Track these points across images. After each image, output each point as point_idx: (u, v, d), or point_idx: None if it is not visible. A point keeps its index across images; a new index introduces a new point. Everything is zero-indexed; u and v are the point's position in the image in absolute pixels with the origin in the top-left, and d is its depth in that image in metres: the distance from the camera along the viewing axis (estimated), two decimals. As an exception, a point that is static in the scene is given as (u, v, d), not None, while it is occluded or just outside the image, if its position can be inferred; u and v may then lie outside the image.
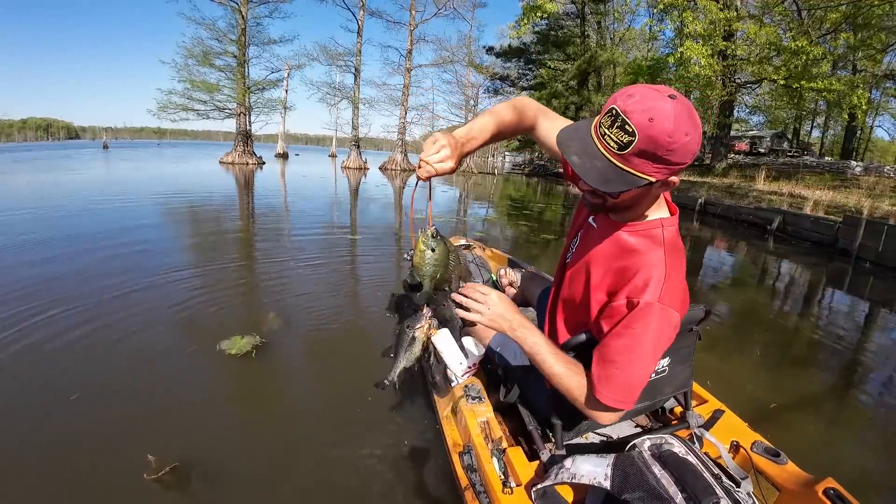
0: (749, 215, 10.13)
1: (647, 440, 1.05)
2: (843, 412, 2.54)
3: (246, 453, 1.82)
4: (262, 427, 2.03)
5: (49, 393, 2.14)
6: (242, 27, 22.93)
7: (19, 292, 3.34)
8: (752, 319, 4.07)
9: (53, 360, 2.43)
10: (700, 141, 0.85)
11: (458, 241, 3.19)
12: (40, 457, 1.73)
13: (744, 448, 1.23)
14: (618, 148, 0.82)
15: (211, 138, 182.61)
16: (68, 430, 1.89)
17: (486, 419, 1.35)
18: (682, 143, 0.81)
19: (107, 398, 2.14)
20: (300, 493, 1.62)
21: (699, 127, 0.83)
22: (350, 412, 2.09)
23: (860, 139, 26.42)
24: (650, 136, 0.79)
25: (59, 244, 4.91)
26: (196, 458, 1.73)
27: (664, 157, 0.81)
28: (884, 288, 5.63)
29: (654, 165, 0.82)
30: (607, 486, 0.99)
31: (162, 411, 2.06)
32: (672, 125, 0.79)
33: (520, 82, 29.13)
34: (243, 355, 2.53)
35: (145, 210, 7.79)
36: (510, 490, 1.10)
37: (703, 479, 0.95)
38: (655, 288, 0.91)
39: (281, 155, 34.56)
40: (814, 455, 1.99)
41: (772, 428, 2.06)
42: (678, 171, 0.86)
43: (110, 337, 2.71)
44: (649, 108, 0.79)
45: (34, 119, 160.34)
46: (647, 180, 0.84)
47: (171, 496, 1.55)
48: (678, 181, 0.90)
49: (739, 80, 17.29)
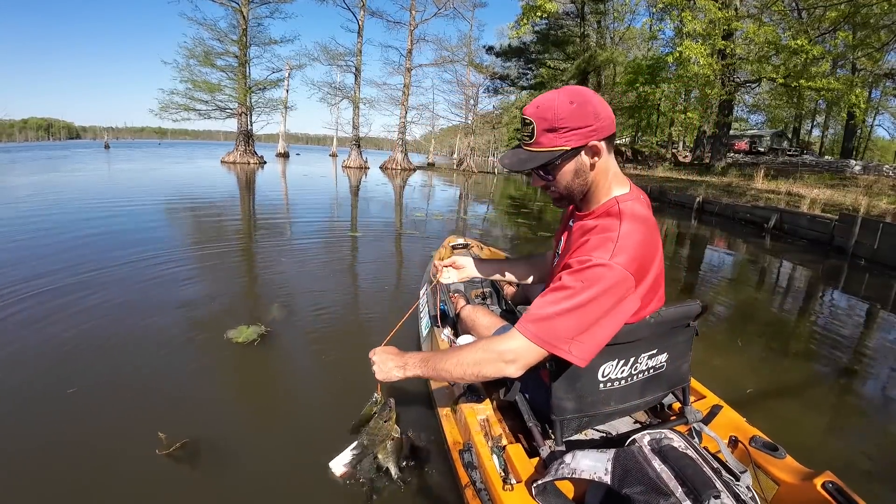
0: (746, 214, 10.13)
1: (646, 435, 1.06)
2: (837, 403, 2.57)
3: (250, 432, 1.93)
4: (264, 410, 2.12)
5: (66, 376, 2.25)
6: (243, 27, 22.93)
7: (31, 283, 3.50)
8: (746, 314, 4.10)
9: (70, 343, 2.58)
10: (597, 106, 1.00)
11: (456, 241, 3.19)
12: (61, 438, 1.83)
13: (742, 442, 1.23)
14: (528, 138, 1.05)
15: (212, 138, 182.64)
16: (85, 411, 2.00)
17: (486, 417, 1.36)
18: (569, 109, 0.99)
19: (119, 380, 2.26)
20: (300, 471, 1.71)
21: (587, 96, 1.00)
22: (348, 403, 2.10)
23: (860, 138, 26.40)
24: (540, 116, 1.01)
25: (68, 240, 5.00)
26: (204, 435, 1.84)
27: (560, 126, 1.00)
28: (879, 285, 5.65)
29: (558, 135, 1.01)
30: (608, 480, 0.99)
31: (171, 393, 2.17)
32: (554, 102, 1.00)
33: (520, 82, 29.13)
34: (248, 343, 2.66)
35: (150, 208, 7.82)
36: (510, 486, 1.11)
37: (703, 473, 0.95)
38: (605, 251, 0.97)
39: (282, 154, 34.55)
40: (803, 447, 2.00)
41: (766, 418, 2.11)
42: (591, 134, 1.01)
43: (121, 325, 2.87)
44: (536, 101, 1.03)
45: (35, 119, 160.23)
46: (562, 149, 1.02)
47: (182, 468, 1.68)
48: (602, 146, 1.03)
49: (739, 78, 17.28)
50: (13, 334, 2.65)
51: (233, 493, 1.59)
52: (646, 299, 1.06)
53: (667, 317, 1.14)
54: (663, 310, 1.14)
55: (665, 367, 1.22)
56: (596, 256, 0.97)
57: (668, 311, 1.14)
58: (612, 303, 0.96)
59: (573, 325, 0.96)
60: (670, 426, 1.21)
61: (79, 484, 1.59)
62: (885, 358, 3.28)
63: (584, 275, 0.96)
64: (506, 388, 1.36)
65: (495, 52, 29.26)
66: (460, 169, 30.43)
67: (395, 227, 7.59)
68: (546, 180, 1.10)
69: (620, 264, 0.95)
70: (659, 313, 1.12)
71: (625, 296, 0.97)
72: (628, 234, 0.99)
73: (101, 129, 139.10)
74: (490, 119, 35.41)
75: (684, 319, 1.20)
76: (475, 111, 35.91)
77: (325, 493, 1.56)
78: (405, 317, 1.78)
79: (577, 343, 0.97)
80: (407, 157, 26.29)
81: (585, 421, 1.18)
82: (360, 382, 2.18)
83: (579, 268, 0.98)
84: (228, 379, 2.38)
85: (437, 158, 44.41)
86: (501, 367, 1.05)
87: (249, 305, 3.39)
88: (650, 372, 1.21)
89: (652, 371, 1.21)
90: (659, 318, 1.12)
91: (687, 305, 1.18)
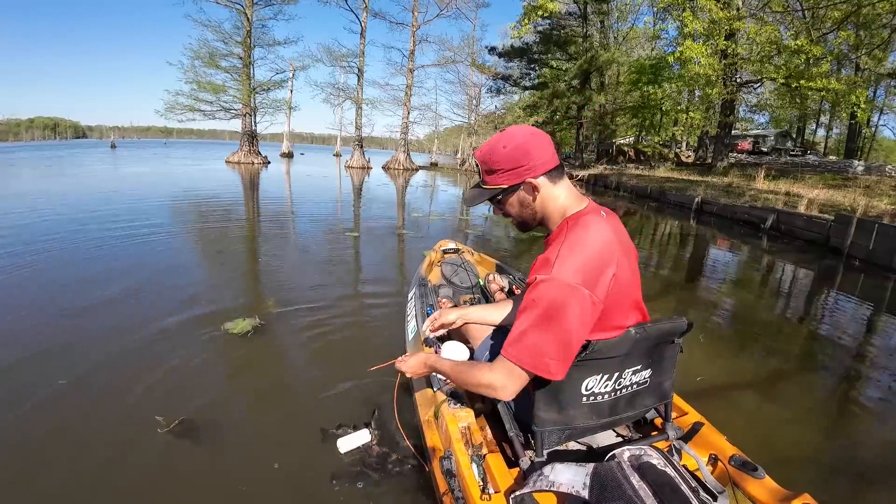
0: (744, 214, 10.09)
1: (626, 451, 1.06)
2: (821, 411, 2.57)
3: (241, 412, 2.12)
4: (254, 393, 2.30)
5: (71, 363, 2.42)
6: (248, 29, 23.05)
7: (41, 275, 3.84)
8: (737, 315, 4.12)
9: (77, 329, 2.85)
10: (530, 148, 1.12)
11: (447, 245, 3.18)
12: (70, 423, 1.96)
13: (722, 461, 1.22)
14: (480, 177, 1.23)
15: (217, 137, 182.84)
16: (89, 396, 2.14)
17: (467, 424, 1.35)
18: (503, 153, 1.13)
19: (123, 365, 2.44)
20: (288, 445, 1.89)
21: (519, 140, 1.12)
22: (332, 394, 2.30)
23: (864, 138, 26.21)
24: (482, 160, 1.19)
25: (80, 237, 5.20)
26: (200, 414, 2.04)
27: (496, 168, 1.15)
28: (873, 285, 5.64)
29: (497, 175, 1.16)
30: (585, 495, 0.99)
31: (170, 378, 2.34)
32: (488, 147, 1.16)
33: (522, 82, 29.03)
34: (243, 335, 2.86)
35: (155, 206, 7.94)
36: (488, 496, 1.10)
37: (681, 492, 0.95)
38: (546, 267, 1.03)
39: (286, 154, 34.69)
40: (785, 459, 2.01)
41: (722, 407, 2.32)
42: (524, 172, 1.13)
43: (127, 315, 3.08)
44: (482, 146, 1.19)
45: (41, 118, 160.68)
46: (500, 187, 1.17)
47: (184, 443, 1.86)
48: (539, 182, 1.14)
49: (740, 78, 17.18)
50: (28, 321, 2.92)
51: (227, 462, 1.77)
52: (615, 308, 1.07)
53: (652, 332, 1.13)
54: (648, 325, 1.13)
55: (648, 382, 1.22)
56: (541, 274, 1.03)
57: (653, 326, 1.13)
58: (562, 314, 0.99)
59: (539, 341, 1.01)
60: (651, 442, 1.20)
61: (91, 465, 1.72)
62: (873, 358, 3.28)
63: (532, 294, 1.03)
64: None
65: (498, 53, 29.18)
66: (463, 169, 30.41)
67: (395, 226, 7.62)
68: (502, 210, 1.24)
69: (563, 276, 1.00)
70: (644, 328, 1.11)
71: (573, 304, 0.99)
72: (571, 246, 1.04)
73: (106, 128, 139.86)
74: (493, 119, 35.33)
75: (669, 336, 1.20)
76: (478, 111, 35.92)
77: (307, 464, 1.78)
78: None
79: (549, 359, 1.01)
80: (409, 157, 26.31)
81: (567, 433, 1.18)
82: (342, 370, 2.47)
83: (530, 289, 1.05)
84: (222, 365, 2.55)
85: (441, 158, 44.39)
86: (493, 392, 1.10)
87: (247, 299, 3.56)
88: (634, 387, 1.20)
89: (636, 386, 1.20)
90: (644, 334, 1.11)
91: (672, 322, 1.18)
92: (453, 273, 2.78)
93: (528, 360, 1.02)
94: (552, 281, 1.00)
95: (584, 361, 1.08)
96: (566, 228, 1.10)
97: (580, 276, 1.00)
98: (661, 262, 6.28)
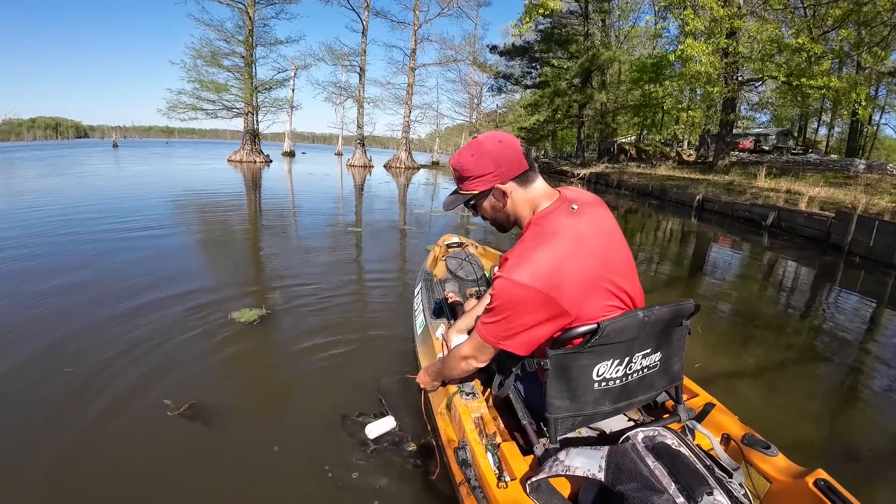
0: (745, 212, 10.07)
1: (640, 433, 1.07)
2: (828, 397, 2.61)
3: (245, 397, 2.20)
4: (257, 379, 2.39)
5: (80, 351, 2.51)
6: (250, 28, 23.06)
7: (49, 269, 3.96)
8: (739, 309, 4.13)
9: (86, 321, 2.92)
10: (497, 156, 1.19)
11: (451, 239, 3.20)
12: (79, 406, 2.02)
13: (734, 440, 1.24)
14: (457, 185, 1.30)
15: (219, 136, 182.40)
16: (99, 383, 2.20)
17: (480, 415, 1.36)
18: (471, 161, 1.21)
19: (133, 351, 2.51)
20: (291, 427, 1.96)
21: (486, 148, 1.20)
22: (333, 374, 2.40)
23: (865, 137, 26.15)
24: (454, 168, 1.26)
25: (84, 234, 5.28)
26: (207, 398, 2.11)
27: (467, 175, 1.23)
28: (873, 281, 5.67)
29: (469, 182, 1.24)
30: (601, 478, 1.00)
31: (177, 364, 2.42)
32: (458, 155, 1.25)
33: (523, 81, 29.02)
34: (249, 323, 2.97)
35: (160, 205, 8.01)
36: (505, 484, 1.11)
37: (696, 470, 0.96)
38: (504, 266, 1.15)
39: (288, 153, 34.67)
40: (795, 443, 2.02)
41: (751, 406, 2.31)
42: (493, 179, 1.20)
43: (135, 309, 3.13)
44: (455, 154, 1.27)
45: (43, 118, 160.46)
46: (471, 193, 1.25)
47: (194, 425, 1.93)
48: (507, 187, 1.21)
49: (742, 77, 17.15)
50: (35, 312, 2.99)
51: (234, 443, 1.84)
52: (588, 295, 1.12)
53: (660, 315, 1.14)
54: (656, 308, 1.14)
55: (659, 366, 1.23)
56: (500, 272, 1.15)
57: (661, 309, 1.14)
58: (512, 308, 1.11)
59: (497, 328, 1.16)
60: (663, 424, 1.21)
61: (104, 443, 1.79)
62: (873, 351, 3.30)
63: (492, 289, 1.17)
64: (499, 383, 1.37)
65: (499, 52, 29.17)
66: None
67: (397, 223, 7.65)
68: (478, 214, 1.34)
69: (514, 275, 1.10)
70: (652, 311, 1.12)
71: (521, 299, 1.09)
72: (526, 246, 1.14)
73: (108, 128, 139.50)
74: (494, 118, 35.35)
75: (677, 318, 1.21)
76: (479, 110, 35.89)
77: (310, 446, 1.85)
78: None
79: (509, 340, 1.15)
80: (411, 156, 26.31)
81: (580, 420, 1.19)
82: (342, 358, 2.57)
83: (493, 283, 1.18)
84: (229, 352, 2.63)
85: (442, 157, 44.39)
86: (472, 363, 1.30)
87: (253, 290, 3.69)
88: (644, 371, 1.21)
89: (646, 370, 1.21)
90: (652, 317, 1.12)
91: (679, 304, 1.18)
92: (458, 267, 2.79)
93: (491, 339, 1.18)
94: (504, 279, 1.11)
95: (595, 347, 1.09)
96: (528, 229, 1.20)
97: (528, 274, 1.08)
98: (663, 259, 6.29)
